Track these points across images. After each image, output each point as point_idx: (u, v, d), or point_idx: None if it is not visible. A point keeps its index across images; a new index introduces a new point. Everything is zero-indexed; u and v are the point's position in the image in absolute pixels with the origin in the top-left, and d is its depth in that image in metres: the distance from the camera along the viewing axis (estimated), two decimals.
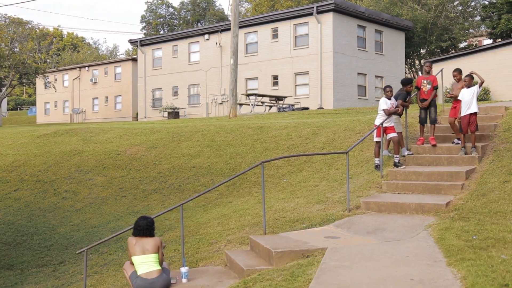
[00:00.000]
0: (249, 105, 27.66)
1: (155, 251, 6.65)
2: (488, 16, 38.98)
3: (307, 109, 26.46)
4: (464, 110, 10.15)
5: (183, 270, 6.73)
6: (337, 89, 29.11)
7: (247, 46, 32.63)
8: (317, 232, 7.51)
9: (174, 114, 34.03)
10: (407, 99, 11.17)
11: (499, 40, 32.47)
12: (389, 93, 10.73)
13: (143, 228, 6.72)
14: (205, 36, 34.77)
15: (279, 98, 27.11)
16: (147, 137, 18.61)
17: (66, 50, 75.70)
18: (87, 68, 47.74)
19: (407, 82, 11.23)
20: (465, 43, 41.78)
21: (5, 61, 36.73)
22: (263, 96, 27.13)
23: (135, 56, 43.80)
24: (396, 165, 10.23)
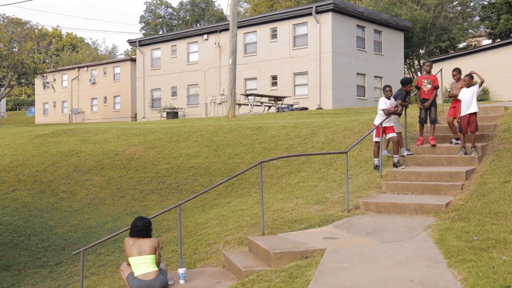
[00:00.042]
0: (248, 105, 27.62)
1: (152, 252, 6.61)
2: (487, 16, 39.00)
3: (306, 109, 26.40)
4: (464, 110, 10.10)
5: (181, 271, 6.69)
6: (336, 89, 29.06)
7: (246, 46, 32.57)
8: (316, 232, 7.45)
9: (173, 114, 33.97)
10: (407, 99, 11.13)
11: (498, 40, 32.49)
12: (388, 92, 10.68)
13: (140, 228, 6.68)
14: (204, 36, 34.70)
15: (278, 98, 27.06)
16: (145, 137, 18.55)
17: (65, 50, 75.67)
18: (86, 68, 47.66)
19: (407, 82, 11.18)
20: (464, 43, 41.75)
21: (3, 61, 36.62)
22: (262, 96, 27.09)
23: (134, 56, 43.72)
24: (396, 165, 10.18)
